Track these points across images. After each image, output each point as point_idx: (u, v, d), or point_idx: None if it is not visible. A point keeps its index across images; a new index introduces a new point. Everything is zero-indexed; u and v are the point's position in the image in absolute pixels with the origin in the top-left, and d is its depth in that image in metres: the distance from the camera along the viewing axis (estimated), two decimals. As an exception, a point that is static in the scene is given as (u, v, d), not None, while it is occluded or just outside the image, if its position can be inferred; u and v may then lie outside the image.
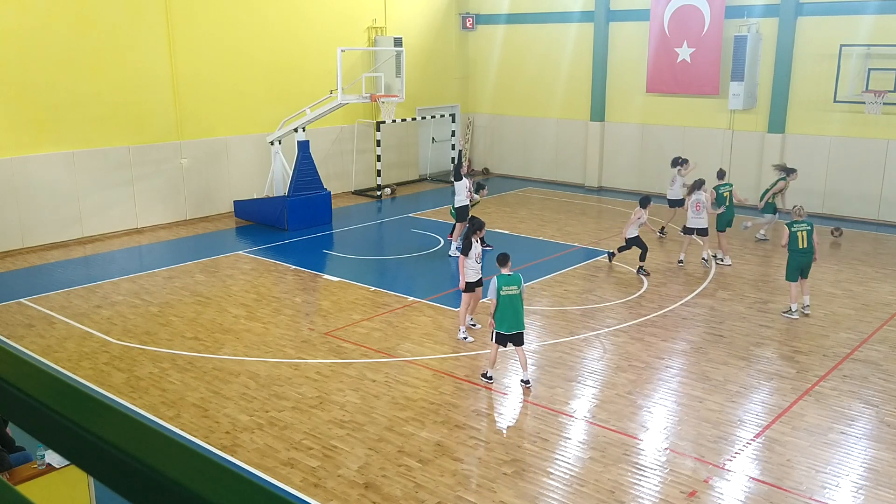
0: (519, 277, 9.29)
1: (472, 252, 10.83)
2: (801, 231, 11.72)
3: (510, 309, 9.21)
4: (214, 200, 19.09)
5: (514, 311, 9.23)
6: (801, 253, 11.72)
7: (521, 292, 9.27)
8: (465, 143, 25.51)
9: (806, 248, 11.70)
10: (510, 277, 9.26)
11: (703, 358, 10.43)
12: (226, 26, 18.68)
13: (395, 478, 7.54)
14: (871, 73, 17.45)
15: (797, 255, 11.75)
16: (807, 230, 11.72)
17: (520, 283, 9.25)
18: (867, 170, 18.20)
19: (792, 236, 11.73)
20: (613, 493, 7.24)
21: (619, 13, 21.58)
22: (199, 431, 8.51)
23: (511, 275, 9.30)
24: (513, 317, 9.25)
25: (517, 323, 9.28)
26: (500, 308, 9.20)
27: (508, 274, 9.31)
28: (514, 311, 9.23)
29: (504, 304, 9.19)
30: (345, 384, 9.66)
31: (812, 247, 11.73)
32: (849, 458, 7.90)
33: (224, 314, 12.29)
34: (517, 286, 9.22)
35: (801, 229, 11.73)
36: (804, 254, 11.72)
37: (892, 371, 9.97)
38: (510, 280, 9.24)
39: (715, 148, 20.24)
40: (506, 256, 9.54)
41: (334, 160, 21.64)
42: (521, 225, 18.14)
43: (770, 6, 18.97)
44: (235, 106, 19.07)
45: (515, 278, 9.27)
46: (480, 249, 11.12)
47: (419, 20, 23.42)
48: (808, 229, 11.72)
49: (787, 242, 11.81)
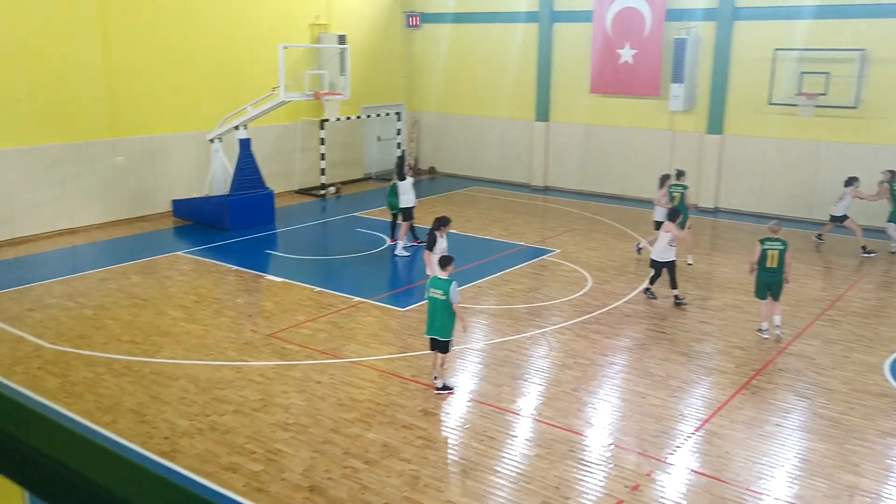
0: (448, 283, 8.93)
1: (436, 247, 11.05)
2: (771, 250, 11.05)
3: (430, 312, 9.12)
4: (151, 199, 18.59)
5: (432, 315, 9.09)
6: (768, 272, 11.07)
7: (448, 298, 8.89)
8: (410, 142, 25.46)
9: (775, 268, 11.03)
10: (440, 281, 9.03)
11: (646, 354, 10.60)
12: (163, 20, 18.21)
13: (341, 480, 7.45)
14: (803, 76, 18.02)
15: (763, 273, 11.13)
16: (779, 249, 11.02)
17: (447, 288, 8.90)
18: (801, 170, 18.78)
19: (762, 253, 11.10)
20: (559, 490, 7.28)
21: (563, 14, 21.81)
22: (137, 437, 8.26)
23: (443, 279, 9.02)
24: (430, 321, 9.13)
25: (432, 328, 9.13)
26: (428, 310, 9.18)
27: (441, 277, 9.07)
28: (432, 315, 9.09)
29: (429, 306, 9.13)
30: (289, 386, 9.50)
31: (782, 266, 11.00)
32: (784, 449, 8.12)
33: (162, 316, 11.97)
34: (443, 291, 8.93)
35: (773, 248, 11.05)
36: (772, 273, 11.05)
37: (825, 364, 10.29)
38: (439, 284, 9.02)
39: (657, 148, 20.62)
40: (447, 259, 9.24)
41: (277, 159, 21.31)
42: (467, 224, 18.16)
43: (708, 10, 19.41)
44: (173, 102, 18.61)
45: (444, 283, 8.97)
46: (445, 244, 11.25)
47: (363, 18, 23.25)
48: (780, 248, 11.02)
49: (756, 259, 11.18)
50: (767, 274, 11.11)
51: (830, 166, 18.34)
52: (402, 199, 15.27)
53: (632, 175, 21.23)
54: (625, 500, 7.13)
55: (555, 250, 15.84)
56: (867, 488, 7.38)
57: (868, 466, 7.76)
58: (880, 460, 7.90)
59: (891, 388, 9.59)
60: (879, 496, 7.28)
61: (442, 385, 9.35)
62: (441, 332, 9.11)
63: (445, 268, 9.13)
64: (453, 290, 8.92)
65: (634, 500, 7.15)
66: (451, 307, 8.94)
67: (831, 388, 9.57)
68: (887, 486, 7.46)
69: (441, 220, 11.35)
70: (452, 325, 9.08)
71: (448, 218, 11.42)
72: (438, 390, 9.31)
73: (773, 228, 11.30)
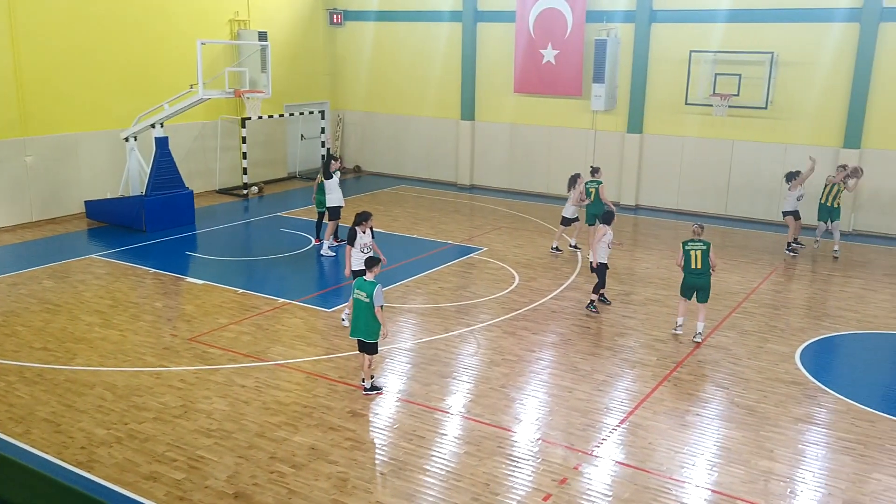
0: (373, 286, 8.84)
1: (357, 242, 11.00)
2: (694, 251, 11.02)
3: (355, 314, 9.05)
4: (63, 201, 17.82)
5: (356, 317, 9.02)
6: (694, 273, 11.04)
7: (371, 301, 8.81)
8: (335, 140, 25.20)
9: (700, 269, 11.00)
10: (365, 283, 8.92)
11: (572, 349, 10.77)
12: (75, 14, 17.47)
13: (267, 485, 7.29)
14: (717, 77, 18.67)
15: (689, 276, 11.11)
16: (702, 250, 10.99)
17: (371, 291, 8.81)
18: (716, 168, 19.47)
19: (685, 255, 11.07)
20: (488, 486, 7.32)
21: (487, 14, 21.98)
22: (52, 448, 7.90)
23: (368, 281, 8.92)
24: (354, 322, 9.07)
25: (356, 329, 9.06)
26: (353, 312, 9.13)
27: (366, 279, 8.96)
28: (356, 317, 9.02)
29: (353, 307, 9.07)
30: (211, 391, 9.25)
31: (707, 267, 11.00)
32: (703, 437, 8.39)
33: (76, 322, 11.48)
34: (367, 293, 8.84)
35: (696, 248, 11.03)
36: (697, 275, 11.03)
37: (740, 355, 10.69)
38: (363, 286, 8.91)
39: (579, 147, 21.02)
40: (372, 261, 9.14)
41: (196, 158, 20.76)
42: (394, 223, 18.10)
43: (627, 13, 19.90)
44: (86, 100, 17.89)
45: (369, 285, 8.87)
46: (369, 239, 11.16)
47: (284, 14, 22.88)
48: (703, 249, 10.99)
49: (680, 261, 11.15)
50: (693, 276, 11.07)
51: (743, 164, 19.10)
52: (329, 198, 15.08)
53: (556, 173, 21.55)
54: (553, 494, 7.22)
55: (482, 248, 15.94)
56: (781, 473, 7.70)
57: (781, 452, 8.09)
58: (793, 445, 8.25)
59: (802, 375, 10.03)
60: (793, 480, 7.60)
61: (370, 386, 9.27)
62: (366, 335, 9.04)
63: (371, 269, 9.04)
64: (377, 293, 8.82)
65: (562, 493, 7.25)
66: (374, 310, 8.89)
67: (747, 377, 9.95)
68: (800, 469, 7.79)
69: (361, 215, 11.22)
70: (378, 328, 9.00)
71: (368, 213, 11.31)
72: (367, 391, 9.23)
73: (696, 230, 11.27)
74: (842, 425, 8.71)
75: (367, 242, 11.12)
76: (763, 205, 19.03)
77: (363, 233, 11.11)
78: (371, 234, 11.30)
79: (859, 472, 7.72)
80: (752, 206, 19.18)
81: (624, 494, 7.26)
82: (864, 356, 11.24)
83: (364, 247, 11.05)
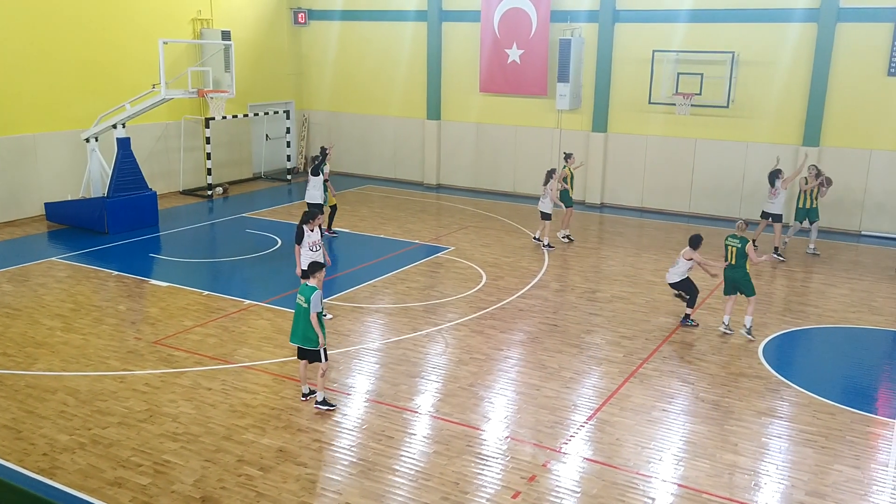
0: (310, 290, 8.53)
1: (306, 240, 10.93)
2: (731, 246, 11.23)
3: (295, 318, 8.73)
4: (22, 203, 17.43)
5: (295, 322, 8.71)
6: (728, 268, 11.31)
7: (308, 306, 8.48)
8: (300, 140, 25.03)
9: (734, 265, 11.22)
10: (305, 288, 8.61)
11: (540, 347, 10.84)
12: (32, 12, 17.10)
13: (235, 488, 7.22)
14: (680, 77, 18.93)
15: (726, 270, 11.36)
16: (737, 246, 11.12)
17: (308, 295, 8.50)
18: (679, 166, 19.73)
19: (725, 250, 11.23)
20: (458, 485, 7.33)
21: (452, 13, 22.00)
22: (13, 455, 7.74)
23: (308, 286, 8.60)
24: (294, 327, 8.75)
25: (295, 335, 8.75)
26: (294, 316, 8.80)
27: (308, 284, 8.63)
28: (295, 322, 8.71)
29: (295, 311, 8.74)
30: (177, 395, 9.13)
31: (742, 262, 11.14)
32: (670, 433, 8.50)
33: (36, 326, 11.24)
34: (305, 298, 8.55)
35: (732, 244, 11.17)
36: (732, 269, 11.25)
37: (705, 351, 10.85)
38: (304, 290, 8.60)
39: (545, 146, 21.15)
40: (315, 266, 8.79)
41: (159, 158, 20.46)
42: (361, 223, 18.03)
43: (591, 12, 20.07)
44: (45, 100, 17.52)
45: (306, 290, 8.58)
46: (317, 237, 11.10)
47: (248, 14, 22.65)
48: (738, 245, 11.12)
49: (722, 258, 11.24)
50: (728, 270, 11.37)
51: (706, 163, 19.38)
52: (308, 195, 15.17)
53: (522, 172, 21.69)
54: (522, 492, 7.26)
55: (449, 248, 15.96)
56: (745, 466, 7.83)
57: (746, 445, 8.23)
58: (756, 439, 8.40)
59: (765, 370, 10.21)
60: (757, 472, 7.73)
61: (322, 399, 8.80)
62: (304, 341, 8.68)
63: (313, 275, 8.68)
64: (314, 299, 8.48)
65: (531, 490, 7.29)
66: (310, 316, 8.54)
67: (711, 372, 10.10)
68: (763, 462, 7.94)
69: (308, 213, 11.12)
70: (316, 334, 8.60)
71: (315, 211, 11.27)
72: (318, 405, 8.79)
73: (740, 225, 11.37)
74: (804, 418, 8.88)
75: (315, 240, 11.05)
76: (726, 202, 19.34)
77: (311, 231, 11.01)
78: (320, 231, 11.21)
79: (821, 464, 7.89)
80: (715, 204, 19.47)
81: (592, 490, 7.33)
82: (824, 350, 11.49)
83: (313, 245, 10.99)
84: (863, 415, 8.98)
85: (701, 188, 19.60)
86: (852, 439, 8.40)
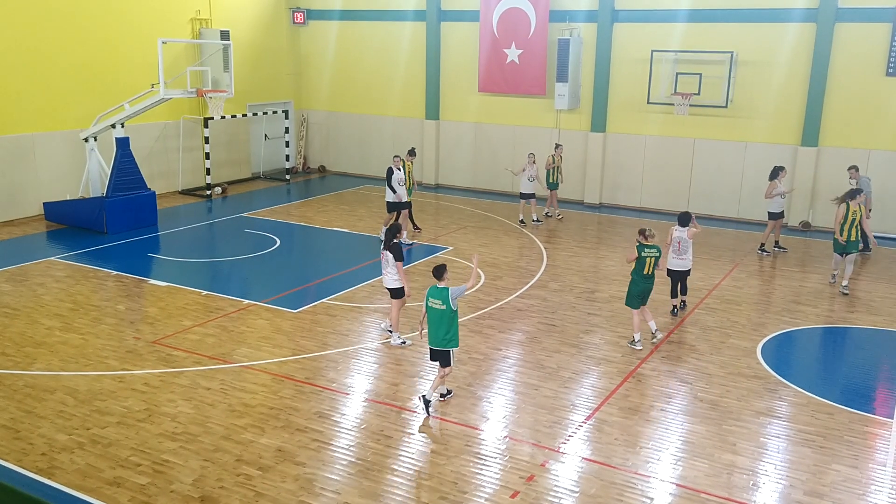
0: (446, 291, 8.59)
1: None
2: (650, 257, 10.71)
3: (431, 323, 8.76)
4: (20, 202, 17.43)
5: (436, 326, 8.70)
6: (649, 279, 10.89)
7: (447, 307, 8.56)
8: (299, 140, 25.03)
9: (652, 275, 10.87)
10: (436, 291, 8.67)
11: (538, 347, 10.84)
12: (31, 12, 17.09)
13: (234, 488, 7.22)
14: (678, 77, 18.94)
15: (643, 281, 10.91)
16: (655, 256, 10.70)
17: (445, 297, 8.56)
18: (678, 166, 19.74)
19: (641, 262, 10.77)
20: (456, 485, 7.34)
21: (451, 13, 22.01)
22: (11, 455, 7.74)
23: (438, 288, 8.66)
24: (435, 332, 8.75)
25: (435, 339, 8.75)
26: (428, 321, 8.84)
27: (436, 287, 8.70)
28: (436, 326, 8.70)
29: (429, 317, 8.77)
30: (176, 394, 9.13)
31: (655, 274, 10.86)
32: (668, 433, 8.51)
33: (35, 326, 11.24)
34: (441, 300, 8.60)
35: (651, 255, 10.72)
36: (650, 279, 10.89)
37: (703, 350, 10.86)
38: (435, 294, 8.66)
39: (543, 146, 21.11)
40: (440, 269, 8.80)
41: (158, 158, 20.46)
42: (360, 223, 18.03)
43: (590, 12, 20.08)
44: (43, 99, 17.51)
45: (440, 292, 8.63)
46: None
47: (246, 13, 22.65)
48: (656, 255, 10.73)
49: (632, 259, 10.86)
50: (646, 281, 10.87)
51: (704, 162, 19.40)
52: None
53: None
54: (521, 492, 7.27)
55: (447, 248, 15.97)
56: (744, 466, 7.84)
57: (744, 445, 8.24)
58: (755, 438, 8.41)
59: (763, 370, 10.23)
60: (755, 472, 7.74)
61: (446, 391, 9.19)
62: (445, 343, 8.72)
63: (443, 276, 8.76)
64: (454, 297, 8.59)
65: (530, 490, 7.30)
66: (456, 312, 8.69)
67: (710, 372, 10.11)
68: (762, 462, 7.95)
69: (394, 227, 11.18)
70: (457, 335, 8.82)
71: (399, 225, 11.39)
72: (442, 397, 9.08)
73: (650, 235, 10.83)
74: (802, 418, 8.90)
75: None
76: (724, 202, 19.36)
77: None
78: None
79: (819, 464, 7.90)
80: (713, 204, 19.49)
81: (591, 490, 7.34)
82: (822, 350, 11.51)
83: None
84: (861, 415, 9.00)
85: (699, 188, 19.62)
86: (850, 439, 8.41)
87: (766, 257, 15.86)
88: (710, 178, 19.44)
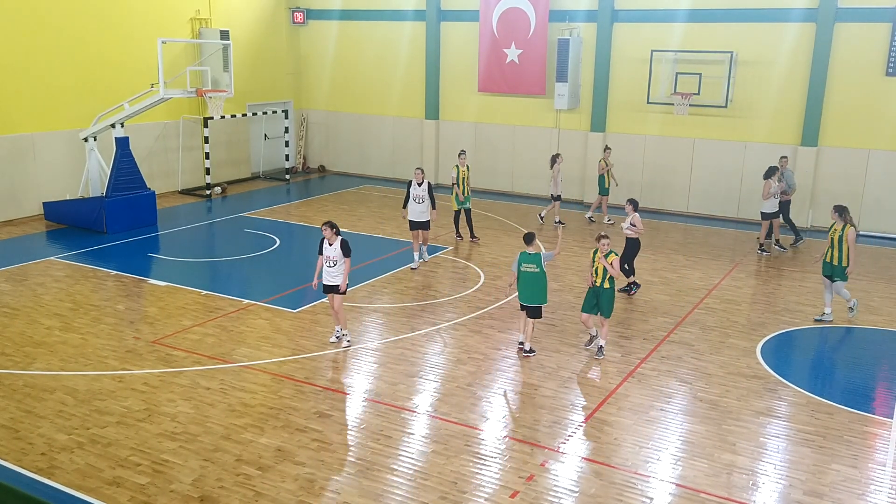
0: (537, 255, 10.16)
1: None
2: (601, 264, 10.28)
3: (524, 284, 10.25)
4: (20, 202, 17.43)
5: (530, 287, 10.22)
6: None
7: (541, 270, 10.16)
8: (298, 139, 25.03)
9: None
10: (527, 256, 10.16)
11: (538, 346, 10.83)
12: (31, 12, 17.09)
13: (234, 488, 7.22)
14: (678, 76, 18.94)
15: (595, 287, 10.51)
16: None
17: (538, 260, 10.15)
18: (677, 166, 19.74)
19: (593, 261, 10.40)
20: (456, 484, 7.34)
21: (450, 13, 22.01)
22: (11, 455, 7.73)
23: (528, 254, 10.16)
24: (528, 292, 10.25)
25: (530, 297, 10.27)
26: (519, 282, 10.29)
27: (527, 252, 10.16)
28: (530, 287, 10.22)
29: (522, 279, 10.24)
30: (176, 394, 9.13)
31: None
32: (668, 432, 8.50)
33: (35, 326, 11.24)
34: (536, 264, 10.14)
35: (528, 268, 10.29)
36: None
37: (703, 350, 10.86)
38: (527, 259, 10.17)
39: (543, 146, 21.15)
40: (530, 235, 10.26)
41: (158, 158, 20.46)
42: (360, 223, 18.03)
43: (590, 12, 20.08)
44: (42, 99, 17.51)
45: (532, 257, 10.15)
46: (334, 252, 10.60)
47: (246, 13, 22.65)
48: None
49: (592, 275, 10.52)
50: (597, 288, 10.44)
51: (704, 162, 19.40)
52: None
53: (520, 172, 21.71)
54: (520, 492, 7.27)
55: (447, 247, 15.97)
56: (743, 465, 7.84)
57: (744, 445, 8.24)
58: (754, 438, 8.41)
59: (763, 370, 10.23)
60: (754, 472, 7.74)
61: (529, 348, 10.54)
62: (539, 299, 10.32)
63: (532, 242, 10.22)
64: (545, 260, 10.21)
65: (529, 490, 7.30)
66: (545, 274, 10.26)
67: (709, 372, 10.11)
68: (761, 462, 7.95)
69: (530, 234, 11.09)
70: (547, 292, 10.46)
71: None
72: (527, 353, 10.45)
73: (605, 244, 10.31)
74: (802, 418, 8.90)
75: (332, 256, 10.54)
76: (723, 202, 19.36)
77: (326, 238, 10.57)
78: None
79: (819, 464, 7.90)
80: (712, 204, 19.49)
81: (590, 490, 7.34)
82: (822, 350, 11.51)
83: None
84: (860, 414, 9.00)
85: (699, 188, 19.62)
86: (850, 439, 8.41)
87: (765, 257, 15.86)
88: (709, 178, 19.44)
